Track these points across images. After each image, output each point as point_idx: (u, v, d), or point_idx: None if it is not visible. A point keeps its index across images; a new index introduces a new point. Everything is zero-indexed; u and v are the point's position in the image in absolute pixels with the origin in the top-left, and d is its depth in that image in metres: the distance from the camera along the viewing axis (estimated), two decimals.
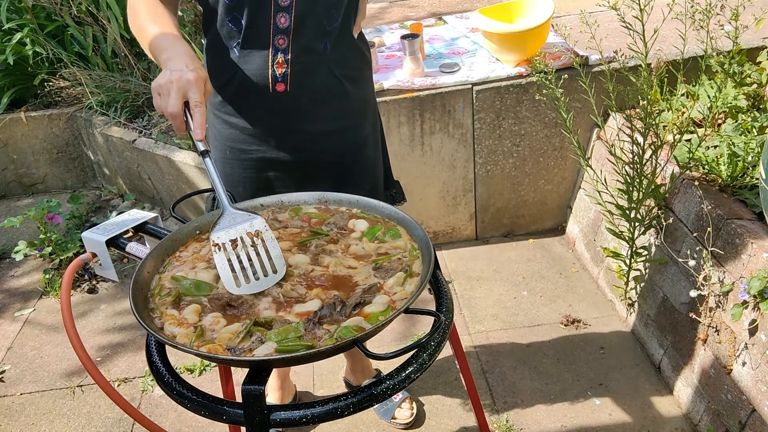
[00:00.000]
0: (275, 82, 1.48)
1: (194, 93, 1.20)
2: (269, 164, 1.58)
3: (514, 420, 2.15)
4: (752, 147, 2.15)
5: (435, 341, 1.07)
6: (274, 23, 1.43)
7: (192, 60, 1.25)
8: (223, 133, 1.58)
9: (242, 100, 1.53)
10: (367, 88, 1.65)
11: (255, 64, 1.47)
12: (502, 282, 2.81)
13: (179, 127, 1.21)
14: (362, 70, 1.61)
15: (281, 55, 1.46)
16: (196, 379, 2.42)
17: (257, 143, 1.56)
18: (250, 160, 1.58)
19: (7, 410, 2.38)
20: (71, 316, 1.17)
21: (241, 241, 1.16)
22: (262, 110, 1.53)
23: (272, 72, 1.47)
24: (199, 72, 1.23)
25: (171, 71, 1.23)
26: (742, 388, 1.84)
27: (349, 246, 1.25)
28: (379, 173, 1.75)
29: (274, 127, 1.55)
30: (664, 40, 2.41)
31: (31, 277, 3.12)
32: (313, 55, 1.48)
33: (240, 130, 1.56)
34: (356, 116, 1.62)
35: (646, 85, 2.10)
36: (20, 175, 3.91)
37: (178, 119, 1.20)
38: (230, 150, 1.58)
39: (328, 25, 1.46)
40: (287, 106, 1.51)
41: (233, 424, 1.03)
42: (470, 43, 3.05)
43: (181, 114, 1.20)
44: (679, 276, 2.16)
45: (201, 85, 1.22)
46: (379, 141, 1.75)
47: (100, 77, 3.62)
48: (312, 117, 1.54)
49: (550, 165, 2.94)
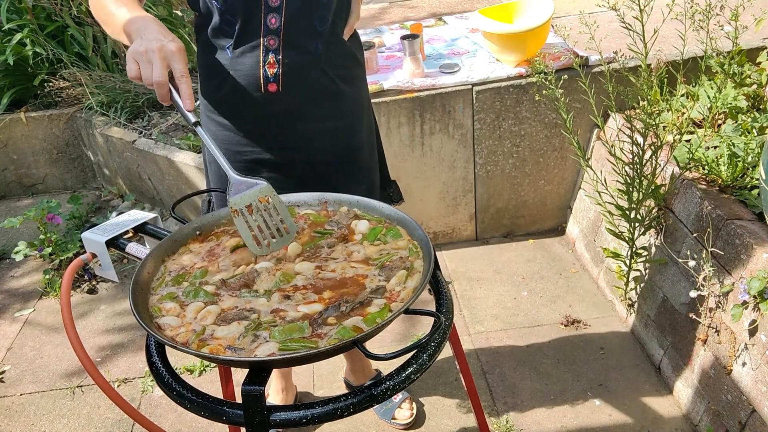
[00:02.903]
0: (267, 83, 1.48)
1: (178, 63, 1.20)
2: (264, 165, 1.58)
3: (513, 420, 2.15)
4: (752, 147, 2.15)
5: (435, 342, 1.07)
6: (264, 24, 1.43)
7: (166, 30, 1.25)
8: (217, 135, 1.58)
9: (235, 102, 1.53)
10: (360, 87, 1.65)
11: (246, 65, 1.47)
12: (502, 282, 2.81)
13: (163, 96, 1.21)
14: (354, 69, 1.61)
15: (272, 56, 1.46)
16: (195, 379, 2.42)
17: (251, 144, 1.56)
18: (244, 161, 1.58)
19: (7, 410, 2.38)
20: (71, 317, 1.17)
21: (255, 206, 1.23)
22: (255, 111, 1.52)
23: (264, 72, 1.47)
24: (177, 42, 1.23)
25: (148, 40, 1.21)
26: (742, 388, 1.84)
27: (351, 253, 1.26)
28: (375, 172, 1.74)
29: (268, 128, 1.55)
30: (664, 41, 2.41)
31: (31, 278, 3.12)
32: (304, 55, 1.48)
33: (234, 132, 1.56)
34: (350, 115, 1.62)
35: (646, 86, 2.10)
36: (20, 175, 3.92)
37: (163, 88, 1.20)
38: (224, 152, 1.57)
39: (319, 25, 1.47)
40: (280, 106, 1.51)
41: (233, 424, 1.03)
42: (470, 44, 3.05)
43: (167, 83, 1.20)
44: (679, 276, 2.16)
45: (184, 55, 1.22)
46: (374, 140, 1.75)
47: (100, 77, 3.62)
48: (305, 117, 1.54)
49: (550, 165, 2.94)
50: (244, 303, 1.14)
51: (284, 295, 1.15)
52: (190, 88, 1.21)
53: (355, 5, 1.56)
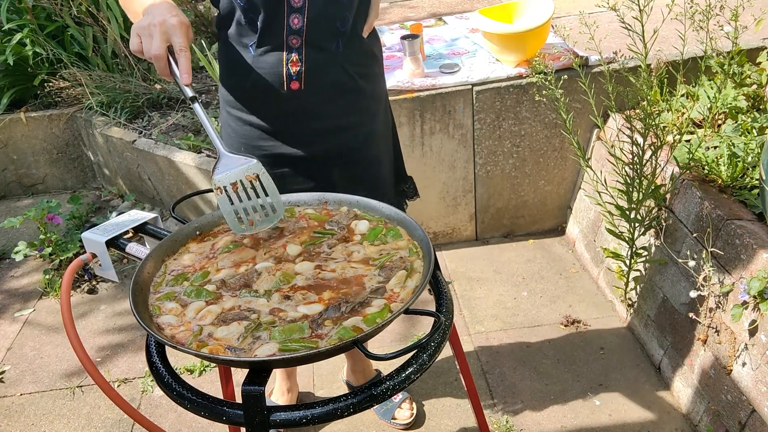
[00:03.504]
0: (290, 81, 1.50)
1: (178, 37, 1.22)
2: (283, 160, 1.61)
3: (513, 420, 2.15)
4: (752, 148, 2.15)
5: (435, 342, 1.07)
6: (287, 24, 1.45)
7: (173, 7, 1.27)
8: (238, 131, 1.61)
9: (257, 98, 1.55)
10: (378, 84, 1.68)
11: (269, 63, 1.49)
12: (502, 282, 2.81)
13: (162, 70, 1.23)
14: (373, 66, 1.65)
15: (295, 54, 1.48)
16: (195, 379, 2.42)
17: (271, 139, 1.59)
18: (264, 156, 1.60)
19: (7, 410, 2.38)
20: (71, 317, 1.17)
21: (241, 184, 1.21)
22: (276, 108, 1.55)
23: (287, 70, 1.49)
24: (181, 17, 1.24)
25: (153, 15, 1.24)
26: (742, 388, 1.84)
27: (351, 253, 1.26)
28: (390, 168, 1.78)
29: (288, 124, 1.57)
30: (664, 41, 2.41)
31: (31, 278, 3.12)
32: (326, 54, 1.51)
33: (254, 127, 1.59)
34: (368, 112, 1.65)
35: (646, 86, 2.10)
36: (20, 175, 3.92)
37: (161, 61, 1.22)
38: (244, 147, 1.61)
39: (341, 26, 1.49)
40: (301, 103, 1.54)
41: (233, 424, 1.03)
42: (470, 44, 3.05)
43: (165, 56, 1.22)
44: (679, 276, 2.16)
45: (185, 30, 1.23)
46: (391, 136, 1.78)
47: (100, 78, 3.62)
48: (325, 113, 1.57)
49: (550, 165, 2.94)
50: (244, 303, 1.14)
51: (284, 296, 1.15)
52: (188, 62, 1.22)
53: (374, 3, 1.58)
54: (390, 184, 1.78)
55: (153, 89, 3.63)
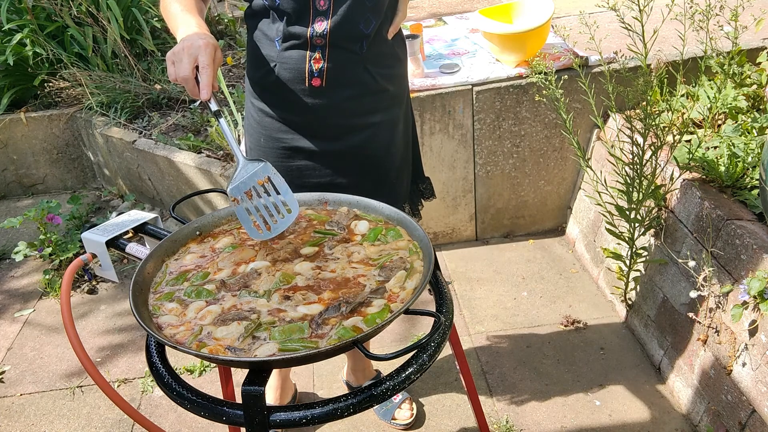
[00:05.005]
0: (311, 77, 1.53)
1: (203, 56, 1.26)
2: (302, 153, 1.63)
3: (514, 421, 2.15)
4: (752, 148, 2.15)
5: (435, 342, 1.07)
6: (312, 26, 1.48)
7: (202, 31, 1.33)
8: (259, 122, 1.64)
9: (279, 91, 1.58)
10: (400, 85, 1.69)
11: (293, 59, 1.52)
12: (502, 283, 2.81)
13: (192, 90, 1.27)
14: (396, 68, 1.66)
15: (318, 52, 1.51)
16: (195, 379, 2.42)
17: (291, 132, 1.62)
18: (283, 148, 1.63)
19: (7, 411, 2.38)
20: (71, 317, 1.17)
21: (254, 190, 1.25)
22: (297, 102, 1.58)
23: (309, 67, 1.52)
24: (208, 39, 1.29)
25: (183, 41, 1.29)
26: (742, 388, 1.84)
27: (351, 253, 1.26)
28: (407, 167, 1.80)
29: (309, 119, 1.60)
30: (664, 41, 2.41)
31: (31, 278, 3.12)
32: (349, 54, 1.53)
33: (275, 119, 1.62)
34: (389, 112, 1.66)
35: (646, 86, 2.10)
36: (20, 175, 3.91)
37: (189, 83, 1.26)
38: (264, 138, 1.64)
39: (365, 28, 1.51)
40: (322, 100, 1.56)
41: (233, 425, 1.03)
42: (470, 44, 3.05)
43: (192, 78, 1.26)
44: (679, 277, 2.16)
45: (210, 50, 1.27)
46: (410, 136, 1.80)
47: (100, 78, 3.62)
48: (345, 111, 1.59)
49: (550, 166, 2.94)
50: (244, 303, 1.14)
51: (284, 296, 1.15)
52: (209, 78, 1.26)
53: (401, 4, 1.59)
54: (407, 184, 1.81)
55: (153, 89, 3.63)
